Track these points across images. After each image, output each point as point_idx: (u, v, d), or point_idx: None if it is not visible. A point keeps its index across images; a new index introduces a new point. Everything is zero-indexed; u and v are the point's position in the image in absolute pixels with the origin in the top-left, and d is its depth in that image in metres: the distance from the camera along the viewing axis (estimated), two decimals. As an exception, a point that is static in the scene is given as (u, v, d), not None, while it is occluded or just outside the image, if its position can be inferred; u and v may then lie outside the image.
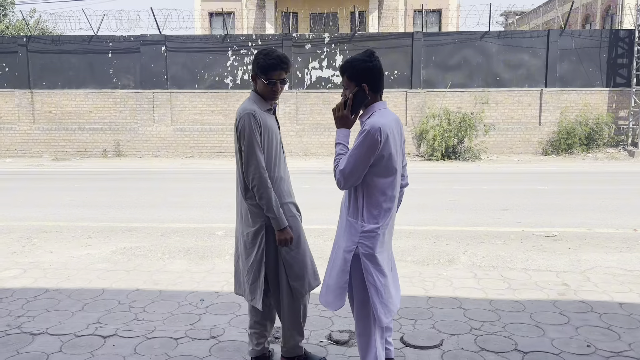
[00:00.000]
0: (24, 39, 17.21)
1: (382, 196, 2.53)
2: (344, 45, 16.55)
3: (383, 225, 2.55)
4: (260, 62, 2.83)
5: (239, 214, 2.95)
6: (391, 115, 2.56)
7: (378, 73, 2.55)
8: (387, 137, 2.44)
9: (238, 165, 2.90)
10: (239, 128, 2.80)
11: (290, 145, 16.60)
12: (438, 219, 7.14)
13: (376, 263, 2.56)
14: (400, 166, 2.61)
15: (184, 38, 16.77)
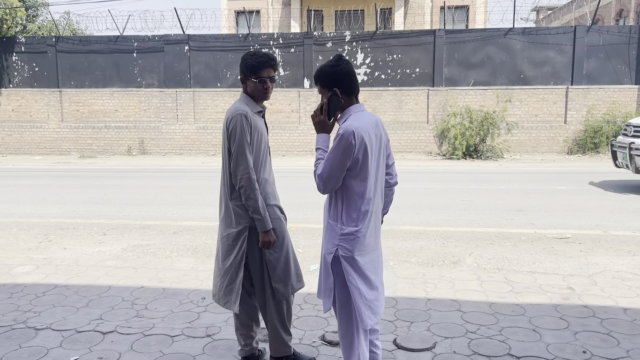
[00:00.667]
0: (53, 40, 17.67)
1: (361, 199, 2.54)
2: (365, 43, 16.49)
3: (363, 227, 2.56)
4: (249, 62, 2.88)
5: (221, 214, 2.99)
6: (368, 117, 2.56)
7: (348, 76, 2.55)
8: (362, 139, 2.44)
9: (225, 166, 2.93)
10: (229, 128, 2.83)
11: (311, 143, 16.65)
12: (450, 220, 7.09)
13: (356, 266, 2.57)
14: (379, 168, 2.61)
15: (207, 37, 16.97)
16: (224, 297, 2.94)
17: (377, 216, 2.66)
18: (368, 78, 16.52)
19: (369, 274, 2.61)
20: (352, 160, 2.46)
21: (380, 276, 2.74)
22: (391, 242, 5.90)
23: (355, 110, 2.56)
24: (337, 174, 2.48)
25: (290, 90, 16.72)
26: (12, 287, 4.47)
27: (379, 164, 2.61)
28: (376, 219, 2.65)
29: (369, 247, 2.62)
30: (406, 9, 25.48)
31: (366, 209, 2.56)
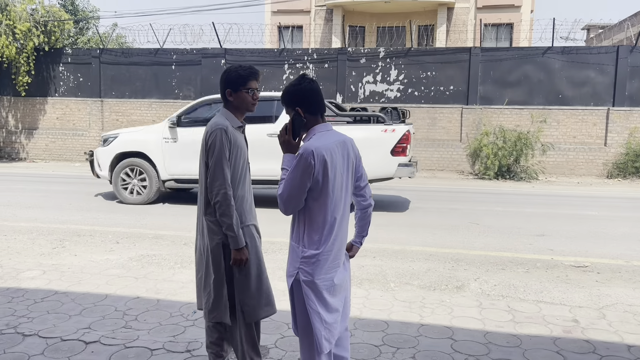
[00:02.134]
0: (97, 51, 18.35)
1: (323, 221, 2.48)
2: (399, 59, 16.40)
3: (325, 251, 2.50)
4: (239, 73, 2.94)
5: (199, 228, 2.99)
6: (333, 137, 2.52)
7: (310, 95, 2.51)
8: (323, 159, 2.40)
9: (201, 180, 2.94)
10: (208, 142, 2.84)
11: (341, 158, 16.60)
12: (465, 242, 6.89)
13: (316, 289, 2.51)
14: (346, 189, 2.56)
15: (243, 51, 17.26)
16: (214, 311, 2.92)
17: (342, 239, 2.59)
18: (401, 95, 16.39)
19: (328, 297, 2.55)
20: (313, 181, 2.42)
21: (341, 297, 2.65)
22: (398, 262, 5.77)
23: (319, 129, 2.53)
24: (296, 195, 2.44)
25: (323, 105, 16.74)
26: (15, 291, 4.59)
27: (346, 185, 2.56)
28: (341, 242, 2.58)
29: (334, 270, 2.56)
30: (448, 26, 25.30)
31: (329, 231, 2.50)
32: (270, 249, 6.19)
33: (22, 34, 17.46)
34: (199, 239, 2.99)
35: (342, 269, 2.62)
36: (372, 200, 2.75)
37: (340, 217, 2.53)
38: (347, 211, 2.58)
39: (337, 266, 2.57)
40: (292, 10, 27.31)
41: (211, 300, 2.92)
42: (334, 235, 2.51)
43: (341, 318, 2.65)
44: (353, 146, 2.63)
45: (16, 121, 18.94)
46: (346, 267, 2.68)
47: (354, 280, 5.07)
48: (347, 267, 2.69)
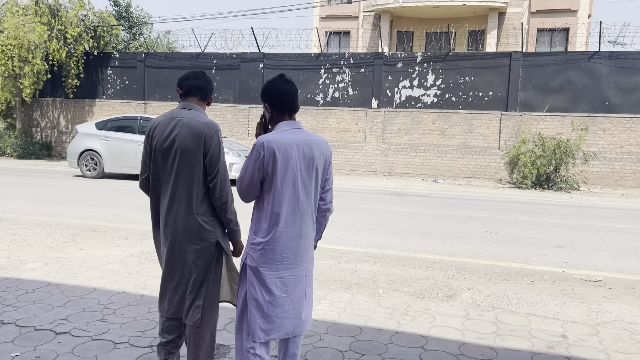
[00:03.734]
0: (142, 56, 19.00)
1: (271, 212, 2.55)
2: (437, 64, 16.11)
3: (272, 240, 2.55)
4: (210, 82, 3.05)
5: (177, 231, 2.84)
6: (296, 135, 2.57)
7: (279, 93, 2.62)
8: (273, 152, 2.49)
9: (185, 179, 2.83)
10: (212, 141, 2.80)
11: (375, 164, 16.47)
12: (475, 251, 6.65)
13: (260, 277, 2.58)
14: (302, 187, 2.58)
15: (281, 56, 17.43)
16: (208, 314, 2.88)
17: (295, 236, 2.60)
18: (438, 100, 16.09)
19: (276, 290, 2.60)
20: (264, 173, 2.52)
21: (292, 296, 2.63)
22: (397, 269, 5.64)
23: (283, 126, 2.61)
24: (248, 183, 2.56)
25: (358, 109, 16.69)
26: (12, 281, 4.78)
27: (302, 183, 2.58)
28: (296, 238, 2.60)
29: (282, 263, 2.59)
30: (499, 31, 24.70)
31: (275, 222, 2.56)
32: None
33: (72, 39, 18.31)
34: (175, 242, 2.85)
35: (296, 268, 2.62)
36: (331, 206, 2.79)
37: (287, 212, 2.56)
38: (302, 209, 2.60)
39: (287, 261, 2.59)
40: (340, 16, 27.44)
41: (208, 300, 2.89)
42: (279, 228, 2.55)
43: (294, 319, 2.63)
44: (323, 149, 2.65)
45: (66, 122, 19.85)
46: (304, 268, 2.66)
47: (342, 285, 5.00)
48: (304, 268, 2.67)
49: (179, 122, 2.83)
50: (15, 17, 17.45)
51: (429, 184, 14.77)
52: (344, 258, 6.06)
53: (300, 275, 2.63)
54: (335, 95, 16.93)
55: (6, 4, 18.24)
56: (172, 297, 2.91)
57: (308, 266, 2.68)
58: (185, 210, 2.83)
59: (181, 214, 2.84)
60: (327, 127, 16.96)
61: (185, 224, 2.83)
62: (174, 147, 2.81)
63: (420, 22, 24.38)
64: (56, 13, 18.40)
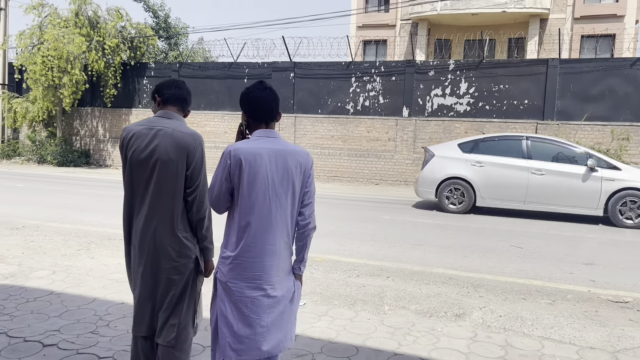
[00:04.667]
0: (177, 65, 19.32)
1: (239, 224, 2.42)
2: (470, 72, 15.71)
3: (238, 255, 2.41)
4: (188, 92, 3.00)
5: (155, 247, 2.72)
6: (269, 144, 2.43)
7: (255, 101, 2.50)
8: (240, 161, 2.36)
9: (165, 193, 2.71)
10: (195, 153, 2.71)
11: (405, 174, 16.15)
12: (495, 267, 6.33)
13: (230, 294, 2.43)
14: (270, 199, 2.41)
15: (311, 65, 17.38)
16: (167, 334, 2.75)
17: (272, 252, 2.43)
18: (471, 109, 15.67)
19: (246, 311, 2.43)
20: (232, 182, 2.41)
21: (271, 319, 2.45)
22: (409, 284, 5.40)
23: (257, 134, 2.49)
24: (217, 192, 2.45)
25: (389, 118, 16.44)
26: (17, 289, 4.80)
27: (275, 195, 2.42)
28: (269, 255, 2.42)
29: (253, 282, 2.42)
30: (541, 38, 24.04)
31: (240, 236, 2.41)
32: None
33: (110, 50, 18.78)
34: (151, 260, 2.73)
35: (270, 289, 2.44)
36: (312, 220, 2.57)
37: (257, 226, 2.40)
38: (276, 224, 2.43)
39: (260, 280, 2.42)
40: (377, 25, 27.33)
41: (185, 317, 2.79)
42: (247, 242, 2.40)
43: (269, 341, 2.46)
44: (300, 159, 2.49)
45: (104, 130, 20.36)
46: (280, 289, 2.47)
47: (347, 300, 4.81)
48: (282, 289, 2.47)
49: (160, 131, 2.72)
50: (56, 29, 18.04)
51: (460, 194, 14.35)
52: (355, 271, 5.86)
53: (275, 297, 2.45)
54: (365, 103, 16.74)
55: (48, 16, 18.88)
56: (146, 316, 2.80)
57: (286, 287, 2.50)
58: (165, 225, 2.71)
59: (160, 229, 2.71)
60: (357, 136, 16.77)
61: (165, 239, 2.71)
62: (154, 158, 2.70)
63: (459, 29, 23.92)
64: (95, 25, 18.94)
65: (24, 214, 8.78)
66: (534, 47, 23.67)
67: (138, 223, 2.75)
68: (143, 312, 2.78)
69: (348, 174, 16.84)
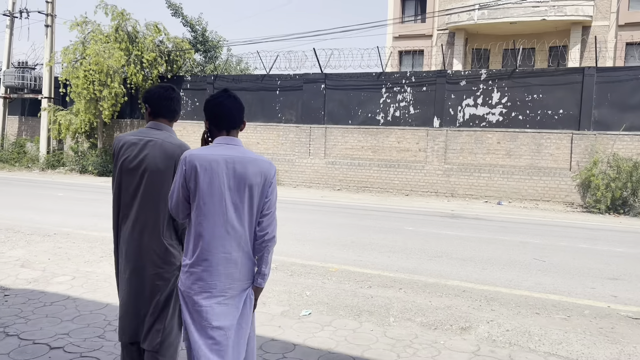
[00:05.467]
0: (211, 78, 19.77)
1: (195, 232, 2.44)
2: (502, 81, 15.46)
3: (196, 263, 2.42)
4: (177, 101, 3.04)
5: (142, 253, 2.82)
6: (227, 151, 2.43)
7: (216, 108, 2.53)
8: (194, 168, 2.38)
9: (152, 201, 2.81)
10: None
11: (436, 184, 15.98)
12: (513, 280, 6.19)
13: (190, 302, 2.44)
14: (225, 207, 2.41)
15: (342, 76, 17.47)
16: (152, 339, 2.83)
17: (228, 260, 2.42)
18: (503, 119, 15.40)
19: (202, 320, 2.42)
20: (189, 189, 2.42)
21: (226, 332, 2.46)
22: (420, 296, 5.35)
23: (217, 141, 2.51)
24: (176, 199, 2.48)
25: (419, 129, 16.33)
26: (37, 294, 5.01)
27: (232, 203, 2.42)
28: (226, 264, 2.42)
29: (209, 290, 2.42)
30: (584, 46, 23.44)
31: (198, 243, 2.43)
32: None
33: (148, 63, 19.40)
34: (137, 265, 2.83)
35: (222, 297, 2.43)
36: (270, 231, 2.52)
37: (213, 233, 2.41)
38: (233, 233, 2.42)
39: (215, 289, 2.41)
40: (413, 35, 27.27)
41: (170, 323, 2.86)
42: (202, 250, 2.41)
43: (232, 353, 2.46)
44: (261, 167, 2.46)
45: (142, 141, 20.94)
46: (236, 299, 2.45)
47: (352, 311, 4.81)
48: (237, 299, 2.46)
49: (150, 142, 2.83)
50: (97, 44, 18.77)
51: (491, 206, 14.09)
52: (368, 282, 5.84)
53: (230, 305, 2.43)
54: (396, 114, 16.68)
55: (91, 32, 19.67)
56: (131, 322, 2.89)
57: (242, 295, 2.46)
58: (151, 232, 2.80)
59: (146, 236, 2.81)
60: (388, 146, 16.72)
61: (151, 246, 2.81)
62: (142, 167, 2.81)
63: (497, 39, 23.58)
64: (134, 39, 19.60)
65: (59, 221, 9.14)
66: (576, 55, 23.07)
67: (125, 229, 2.86)
68: (128, 317, 2.87)
69: (378, 185, 16.79)
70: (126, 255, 2.87)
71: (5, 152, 22.36)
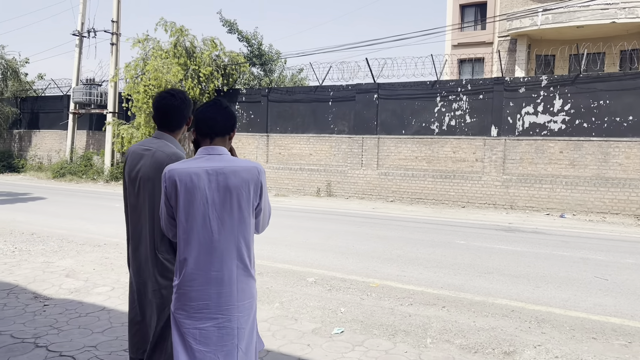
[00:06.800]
0: (265, 91, 19.98)
1: (181, 250, 2.32)
2: (565, 87, 14.67)
3: (182, 284, 2.30)
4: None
5: (141, 266, 2.79)
6: (209, 162, 2.32)
7: (200, 119, 2.44)
8: (174, 182, 2.28)
9: (146, 212, 2.77)
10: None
11: (494, 196, 15.32)
12: (570, 300, 5.71)
13: (180, 324, 2.31)
14: (210, 221, 2.28)
15: (395, 85, 17.18)
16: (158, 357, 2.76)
17: (218, 280, 2.28)
18: (566, 127, 14.58)
19: (194, 343, 2.29)
20: (172, 206, 2.33)
21: (224, 353, 2.30)
22: (463, 316, 5.02)
23: (200, 152, 2.40)
24: (163, 216, 2.40)
25: (476, 138, 15.75)
26: (75, 304, 5.08)
27: (216, 217, 2.29)
28: (215, 283, 2.28)
29: (200, 312, 2.28)
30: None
31: (184, 263, 2.29)
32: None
33: (204, 77, 19.86)
34: (145, 281, 2.80)
35: (221, 319, 2.28)
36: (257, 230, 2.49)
37: (198, 251, 2.27)
38: (219, 249, 2.28)
39: (207, 310, 2.28)
40: (473, 43, 26.63)
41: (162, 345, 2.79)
42: (188, 270, 2.28)
43: None
44: (246, 175, 2.32)
45: (199, 154, 21.42)
46: (233, 320, 2.30)
47: (387, 330, 4.55)
48: (235, 320, 2.30)
49: (147, 151, 2.78)
50: (157, 60, 19.43)
51: (553, 219, 13.32)
52: (409, 299, 5.56)
53: (227, 328, 2.28)
54: (451, 123, 16.19)
55: (152, 49, 20.40)
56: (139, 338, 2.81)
57: (241, 317, 2.31)
58: (147, 246, 2.73)
59: (143, 251, 2.75)
60: (443, 156, 16.24)
61: (148, 261, 2.73)
62: (138, 178, 2.76)
63: (562, 43, 22.55)
64: (191, 54, 20.14)
65: (112, 232, 9.38)
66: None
67: (132, 241, 2.80)
68: (135, 333, 2.80)
69: (432, 196, 16.30)
70: (132, 271, 2.80)
71: (74, 164, 23.48)
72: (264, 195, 2.41)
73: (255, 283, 2.39)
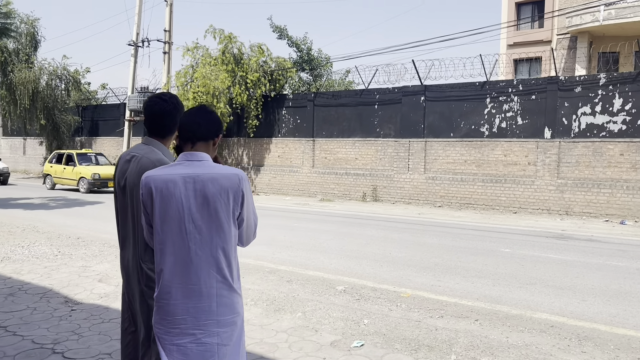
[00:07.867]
0: (312, 95, 19.95)
1: (157, 261, 2.21)
2: (625, 86, 13.80)
3: (159, 297, 2.19)
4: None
5: (134, 277, 2.67)
6: (187, 169, 2.20)
7: (182, 123, 2.33)
8: (151, 191, 2.18)
9: (131, 220, 2.71)
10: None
11: (548, 201, 14.59)
12: (619, 315, 5.26)
13: (160, 339, 2.19)
14: (186, 233, 2.15)
15: (443, 87, 16.72)
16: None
17: (195, 293, 2.15)
18: (627, 127, 13.70)
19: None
20: (148, 214, 2.24)
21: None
22: (496, 330, 4.70)
23: (179, 158, 2.29)
24: (143, 223, 2.31)
25: (528, 140, 15.07)
26: (101, 310, 5.12)
27: (194, 227, 2.15)
28: (192, 296, 2.15)
29: (177, 327, 2.15)
30: None
31: (159, 274, 2.19)
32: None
33: (252, 83, 20.06)
34: (126, 286, 2.76)
35: (200, 335, 2.14)
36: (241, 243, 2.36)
37: (174, 263, 2.15)
38: (197, 260, 2.15)
39: (184, 325, 2.14)
40: (529, 42, 25.77)
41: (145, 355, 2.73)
42: (164, 282, 2.17)
43: None
44: (225, 183, 2.19)
45: (248, 158, 21.69)
46: (214, 335, 2.15)
47: (410, 345, 4.32)
48: (216, 336, 2.15)
49: (134, 158, 2.70)
50: (205, 67, 19.80)
51: (612, 226, 12.52)
52: (441, 311, 5.27)
53: (206, 344, 2.13)
54: (502, 125, 15.57)
55: (202, 57, 20.83)
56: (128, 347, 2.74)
57: (222, 333, 2.16)
58: (131, 255, 2.67)
59: (129, 259, 2.68)
60: (493, 160, 15.64)
61: (134, 270, 2.65)
62: (124, 184, 2.70)
63: (627, 39, 21.36)
64: (239, 61, 20.41)
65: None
66: None
67: (121, 252, 2.75)
68: (127, 344, 2.73)
69: (482, 202, 15.73)
70: (123, 280, 2.74)
71: (129, 170, 24.28)
72: (247, 204, 2.27)
73: (241, 299, 2.25)
